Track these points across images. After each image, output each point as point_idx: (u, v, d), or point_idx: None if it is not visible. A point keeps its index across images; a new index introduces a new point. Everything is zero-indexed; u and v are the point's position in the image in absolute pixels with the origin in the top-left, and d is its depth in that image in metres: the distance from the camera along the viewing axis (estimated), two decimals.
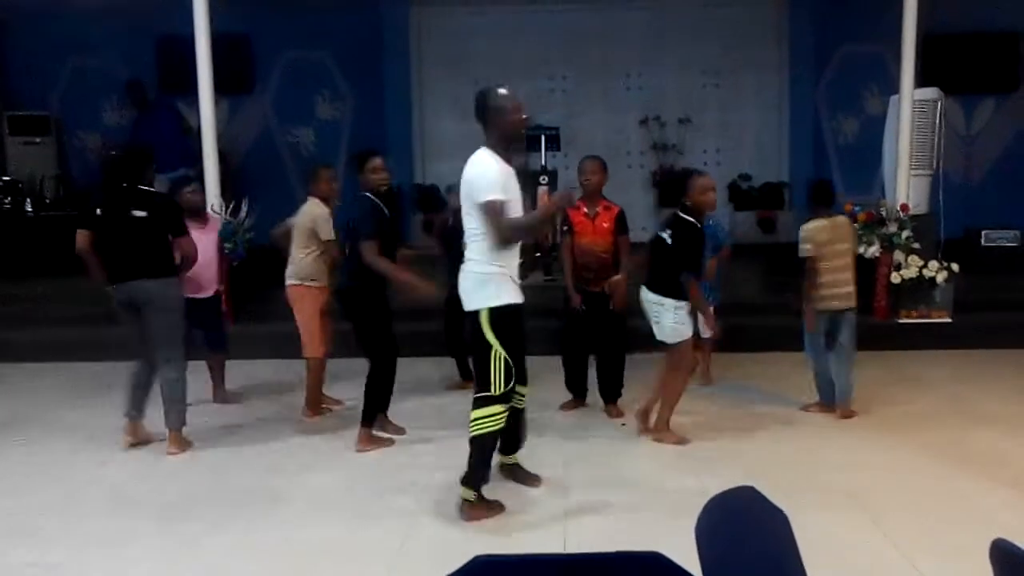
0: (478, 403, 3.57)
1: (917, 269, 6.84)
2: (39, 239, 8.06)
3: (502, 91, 3.58)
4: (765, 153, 9.93)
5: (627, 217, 5.07)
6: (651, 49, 9.80)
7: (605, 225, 4.96)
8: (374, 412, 4.61)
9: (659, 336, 4.51)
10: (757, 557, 1.58)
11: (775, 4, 9.79)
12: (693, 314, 4.54)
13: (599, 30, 9.71)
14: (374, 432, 4.63)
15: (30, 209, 8.51)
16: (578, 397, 5.26)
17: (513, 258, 3.63)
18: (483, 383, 3.56)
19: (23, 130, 9.41)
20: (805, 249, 4.87)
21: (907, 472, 4.16)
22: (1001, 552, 1.45)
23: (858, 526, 3.52)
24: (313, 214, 4.93)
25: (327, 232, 4.91)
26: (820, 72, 9.87)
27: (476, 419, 3.56)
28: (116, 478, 4.26)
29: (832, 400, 5.07)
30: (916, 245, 6.89)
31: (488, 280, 3.52)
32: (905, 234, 6.86)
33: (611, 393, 5.16)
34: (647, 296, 4.51)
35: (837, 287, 4.92)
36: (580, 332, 5.11)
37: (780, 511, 1.63)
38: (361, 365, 4.65)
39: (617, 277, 4.91)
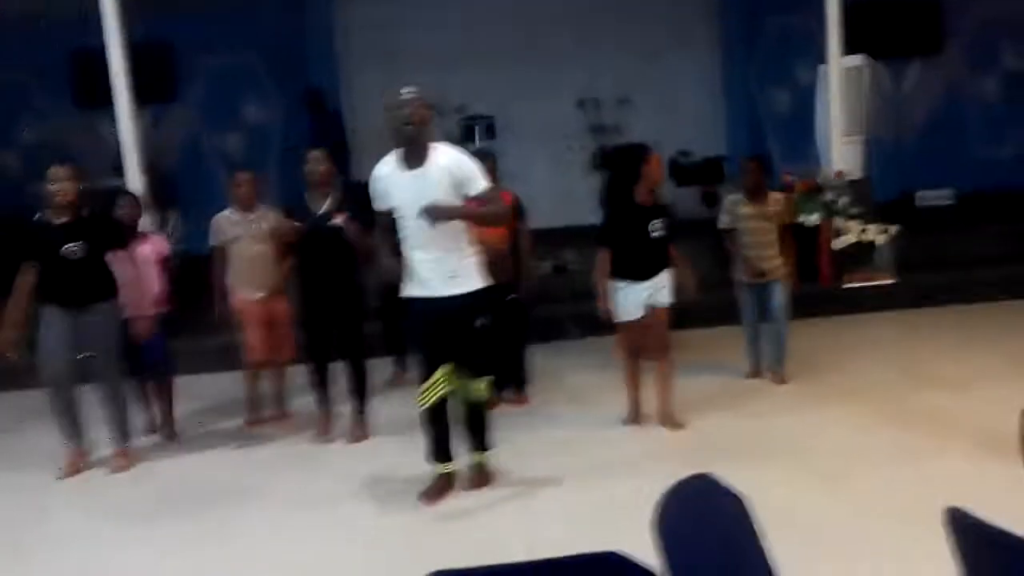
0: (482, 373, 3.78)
1: (857, 233, 6.94)
2: None
3: (390, 91, 3.61)
4: (703, 128, 9.98)
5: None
6: (584, 30, 9.74)
7: None
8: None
9: None
10: (715, 543, 1.54)
11: None
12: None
13: (531, 14, 9.61)
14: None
15: None
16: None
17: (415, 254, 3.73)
18: (482, 356, 3.78)
19: None
20: (723, 220, 5.15)
21: (860, 436, 4.19)
22: (955, 519, 1.43)
23: (814, 494, 3.54)
24: None
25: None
26: (751, 45, 9.95)
27: (480, 387, 3.77)
28: (59, 510, 4.08)
29: (758, 367, 5.25)
30: (855, 210, 6.99)
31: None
32: (843, 200, 6.95)
33: (518, 381, 5.13)
34: None
35: (761, 260, 5.00)
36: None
37: (736, 495, 1.58)
38: None
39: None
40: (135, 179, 6.20)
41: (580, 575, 1.47)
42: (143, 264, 4.74)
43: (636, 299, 4.41)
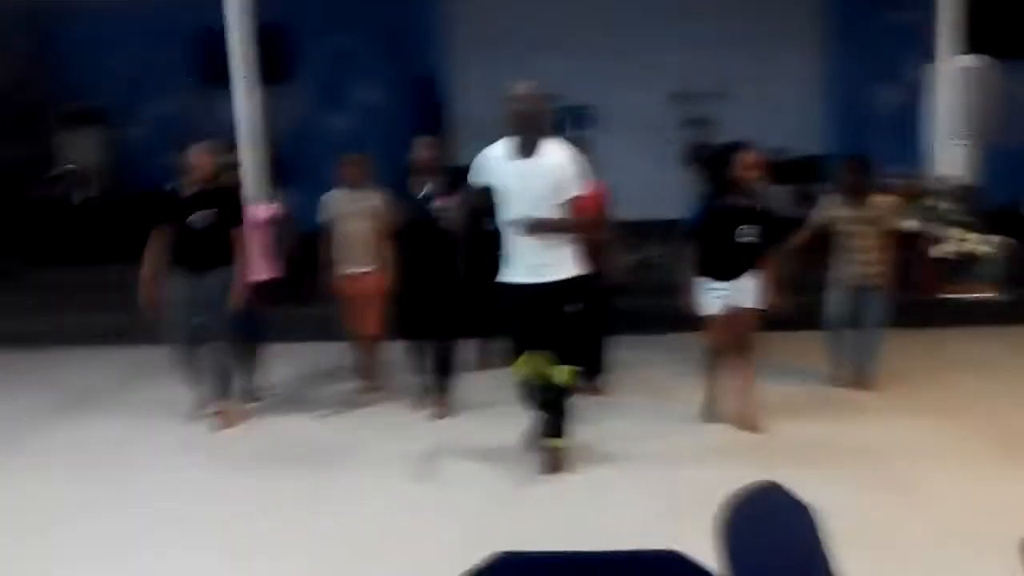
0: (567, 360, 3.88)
1: (964, 242, 6.65)
2: (87, 228, 8.41)
3: (512, 83, 3.78)
4: (802, 126, 9.71)
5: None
6: (684, 23, 9.62)
7: None
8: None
9: None
10: (781, 553, 1.58)
11: None
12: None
13: (632, 5, 9.57)
14: None
15: (80, 199, 8.77)
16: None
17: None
18: (568, 344, 3.90)
19: (73, 122, 9.63)
20: (816, 221, 5.06)
21: (948, 453, 4.10)
22: None
23: (888, 507, 3.51)
24: None
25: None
26: (857, 41, 9.59)
27: (564, 374, 3.86)
28: (170, 460, 4.46)
29: (843, 373, 5.15)
30: (962, 217, 6.69)
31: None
32: (950, 206, 6.67)
33: (596, 371, 5.22)
34: None
35: (859, 264, 4.90)
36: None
37: (806, 505, 1.62)
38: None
39: None
40: (251, 157, 6.55)
41: (639, 571, 1.55)
42: (258, 233, 5.15)
43: (716, 298, 4.44)
